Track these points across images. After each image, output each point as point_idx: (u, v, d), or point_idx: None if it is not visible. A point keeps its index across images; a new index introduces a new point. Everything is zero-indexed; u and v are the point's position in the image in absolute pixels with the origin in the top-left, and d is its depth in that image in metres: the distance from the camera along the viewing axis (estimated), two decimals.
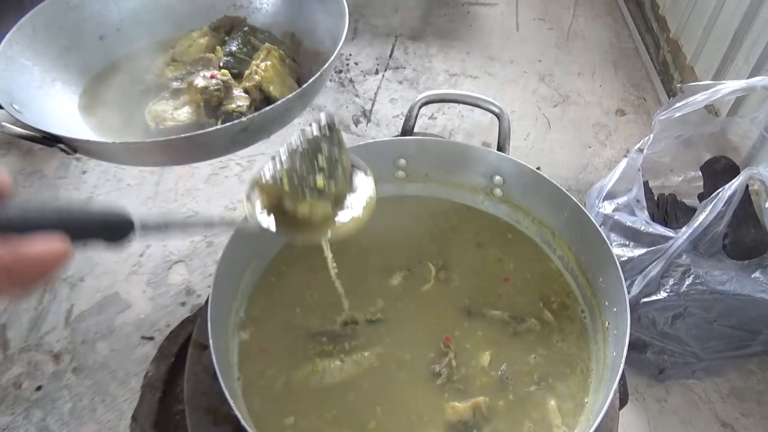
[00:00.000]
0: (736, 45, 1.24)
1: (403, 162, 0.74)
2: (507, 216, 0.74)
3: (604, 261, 0.61)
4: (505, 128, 0.72)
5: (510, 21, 1.75)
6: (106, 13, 0.87)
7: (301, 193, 0.53)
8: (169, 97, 0.82)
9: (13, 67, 0.76)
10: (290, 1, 0.90)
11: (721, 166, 1.09)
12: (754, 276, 0.95)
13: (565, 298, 0.68)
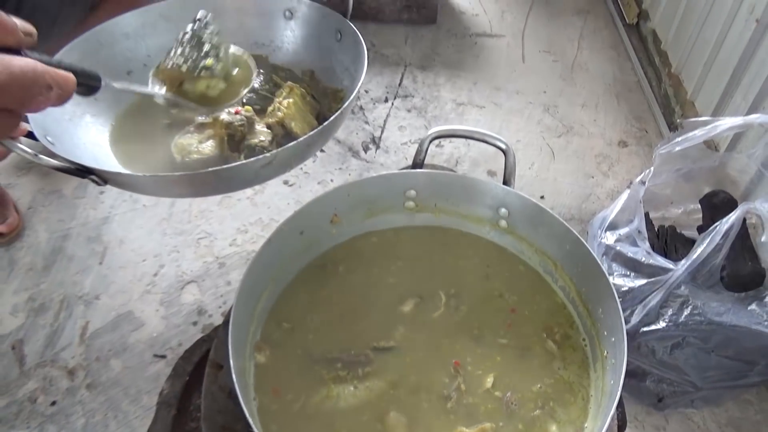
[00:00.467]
0: (735, 82, 1.28)
1: (413, 193, 0.78)
2: (512, 247, 0.78)
3: (603, 293, 0.64)
4: (510, 163, 0.75)
5: (516, 53, 1.80)
6: (134, 50, 0.91)
7: (197, 73, 0.73)
8: (194, 131, 0.85)
9: None
10: (310, 41, 0.94)
11: (720, 199, 1.12)
12: (750, 308, 0.98)
13: (567, 328, 0.71)
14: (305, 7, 0.93)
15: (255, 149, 0.80)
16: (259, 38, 0.98)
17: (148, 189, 0.78)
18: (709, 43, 1.39)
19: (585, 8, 1.97)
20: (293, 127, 0.83)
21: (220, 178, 0.74)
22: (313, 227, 0.75)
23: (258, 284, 0.68)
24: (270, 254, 0.69)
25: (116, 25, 0.90)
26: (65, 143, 0.77)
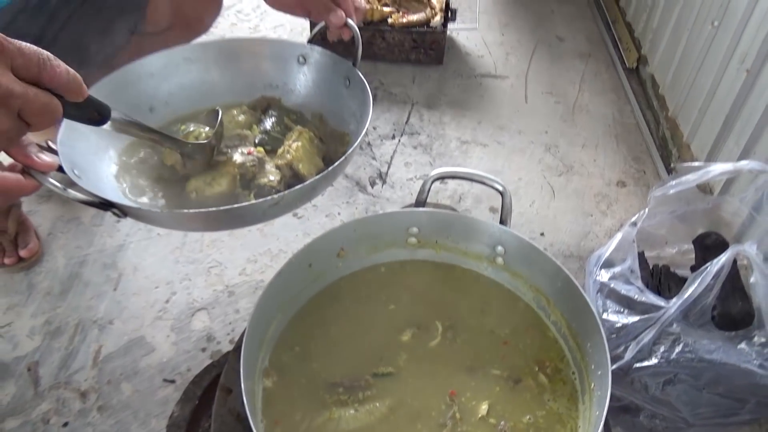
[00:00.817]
0: (728, 128, 1.34)
1: (416, 230, 0.83)
2: (508, 283, 0.82)
3: (591, 328, 0.68)
4: (507, 204, 0.81)
5: (519, 93, 1.87)
6: (157, 89, 0.98)
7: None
8: (208, 169, 0.91)
9: (75, 135, 0.84)
10: (320, 86, 1.00)
11: (712, 240, 1.16)
12: (740, 347, 1.01)
13: (558, 362, 0.75)
14: (317, 54, 1.00)
15: (264, 188, 0.86)
16: (273, 80, 1.04)
17: (164, 223, 0.84)
18: (703, 89, 1.45)
19: (586, 52, 2.04)
20: (300, 169, 0.89)
21: (230, 216, 0.79)
22: (320, 260, 0.80)
23: (268, 313, 0.73)
24: (280, 285, 0.74)
25: (142, 65, 0.97)
26: (90, 176, 0.83)
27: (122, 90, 0.94)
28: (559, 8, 2.25)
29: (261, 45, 1.05)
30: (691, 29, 1.54)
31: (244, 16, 2.16)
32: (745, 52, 1.28)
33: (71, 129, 0.84)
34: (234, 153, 0.91)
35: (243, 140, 0.95)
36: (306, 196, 0.86)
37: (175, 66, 1.00)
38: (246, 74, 1.04)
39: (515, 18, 2.20)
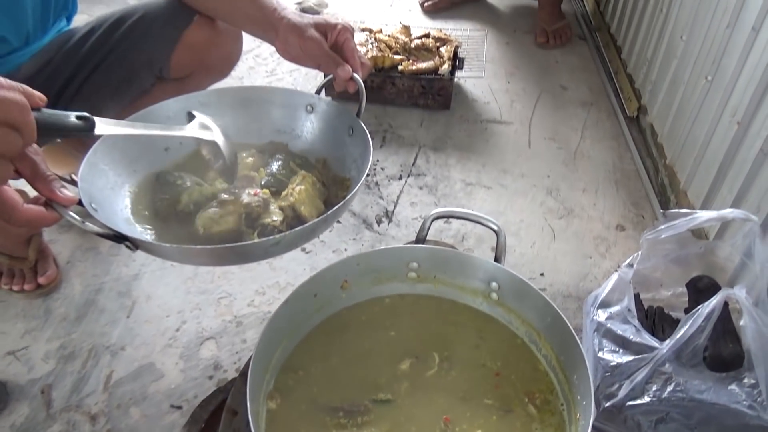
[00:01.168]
0: (721, 176, 1.39)
1: (415, 265, 0.88)
2: (502, 317, 0.87)
3: (577, 361, 0.72)
4: (501, 242, 0.86)
5: (523, 139, 1.94)
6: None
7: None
8: (216, 206, 0.96)
9: (94, 171, 0.89)
10: (325, 133, 1.07)
11: (704, 284, 1.20)
12: (730, 388, 1.04)
13: (548, 394, 0.79)
14: (324, 104, 1.07)
15: (267, 228, 0.91)
16: (282, 126, 1.11)
17: (172, 257, 0.89)
18: (698, 139, 1.51)
19: (589, 101, 2.12)
20: (302, 211, 0.94)
21: (235, 253, 0.85)
22: (325, 291, 0.85)
23: (274, 339, 0.78)
24: (286, 313, 0.79)
25: (161, 108, 1.04)
26: (106, 210, 0.88)
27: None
28: (563, 59, 2.35)
29: (272, 93, 1.12)
30: (686, 82, 1.61)
31: (262, 60, 2.27)
32: (736, 106, 1.34)
33: (91, 166, 0.90)
34: (241, 193, 0.97)
35: (250, 181, 1.01)
36: (306, 237, 0.91)
37: (191, 109, 1.07)
38: (257, 119, 1.10)
39: (521, 68, 2.29)
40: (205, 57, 1.24)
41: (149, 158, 1.01)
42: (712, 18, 1.50)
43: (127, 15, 1.20)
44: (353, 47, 1.02)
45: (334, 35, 1.01)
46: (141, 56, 1.20)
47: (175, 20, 1.19)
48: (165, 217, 0.96)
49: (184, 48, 1.20)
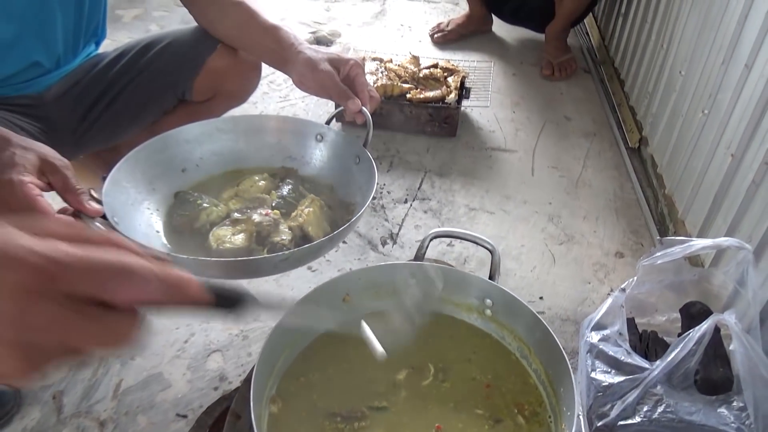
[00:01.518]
0: (716, 207, 1.43)
1: (414, 282, 0.93)
2: (495, 333, 0.91)
3: (564, 374, 0.76)
4: (495, 261, 0.90)
5: (526, 167, 1.99)
6: (190, 153, 1.11)
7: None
8: (229, 225, 1.02)
9: (117, 188, 0.96)
10: (333, 161, 1.13)
11: (696, 309, 1.24)
12: (719, 410, 1.07)
13: (537, 407, 0.83)
14: (333, 134, 1.14)
15: (276, 246, 0.97)
16: (293, 153, 1.17)
17: (188, 269, 0.94)
18: (695, 170, 1.55)
19: (592, 132, 2.18)
20: (310, 231, 1.00)
21: (246, 266, 0.90)
22: (328, 303, 0.89)
23: (278, 347, 0.82)
24: (289, 323, 0.83)
25: (180, 132, 1.11)
26: (126, 223, 0.94)
27: (161, 152, 1.08)
28: (568, 91, 2.42)
29: (285, 122, 1.19)
30: (685, 115, 1.67)
31: (276, 86, 2.35)
32: (730, 139, 1.39)
33: (114, 182, 0.96)
34: (253, 213, 1.03)
35: (261, 203, 1.07)
36: (312, 255, 0.97)
37: (208, 135, 1.14)
38: (269, 146, 1.17)
39: (526, 98, 2.36)
40: (226, 83, 1.32)
41: (168, 178, 1.08)
42: (709, 54, 1.56)
43: (156, 41, 1.28)
44: (363, 81, 1.09)
45: (346, 70, 1.08)
46: (166, 79, 1.28)
47: (200, 47, 1.27)
48: (181, 232, 1.02)
49: (207, 73, 1.28)
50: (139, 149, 1.03)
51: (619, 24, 2.42)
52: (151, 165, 1.05)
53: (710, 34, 1.56)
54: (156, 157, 1.06)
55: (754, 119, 1.30)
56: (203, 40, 1.27)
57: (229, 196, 1.07)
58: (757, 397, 1.04)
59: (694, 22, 1.67)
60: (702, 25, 1.62)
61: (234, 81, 1.33)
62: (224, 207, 1.04)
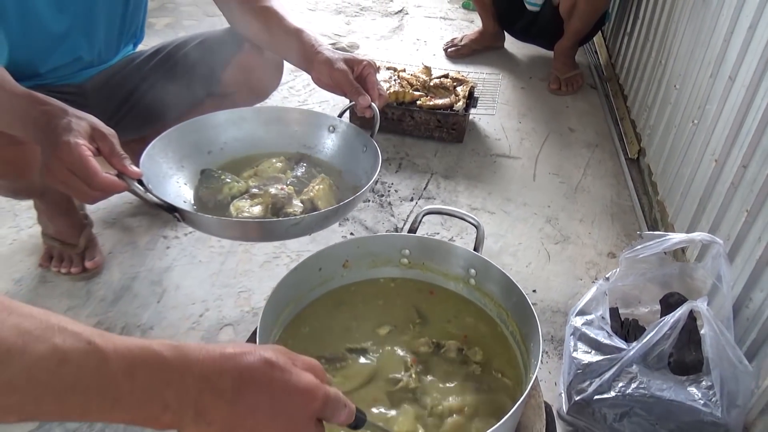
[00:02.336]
0: (701, 209, 1.52)
1: (407, 252, 1.03)
2: (478, 300, 1.01)
3: (533, 330, 0.86)
4: (480, 235, 1.01)
5: (528, 172, 2.10)
6: (216, 137, 1.24)
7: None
8: (248, 198, 1.15)
9: (151, 161, 1.09)
10: (343, 149, 1.25)
11: (674, 300, 1.32)
12: (689, 388, 1.15)
13: (506, 365, 0.93)
14: (344, 126, 1.26)
15: (289, 215, 1.09)
16: (307, 142, 1.30)
17: (212, 229, 1.06)
18: (684, 177, 1.64)
19: (594, 142, 2.28)
20: (319, 205, 1.12)
21: (262, 228, 1.02)
22: (329, 267, 1.00)
23: (282, 300, 0.93)
24: (294, 279, 0.94)
25: (208, 118, 1.24)
26: (158, 191, 1.07)
27: (190, 135, 1.21)
28: (574, 104, 2.52)
29: (301, 114, 1.32)
30: (677, 126, 1.76)
31: (295, 92, 2.49)
32: (715, 146, 1.49)
33: (149, 157, 1.09)
34: (270, 187, 1.15)
35: (277, 180, 1.19)
36: (319, 224, 1.09)
37: (233, 122, 1.27)
38: (286, 134, 1.30)
39: (533, 110, 2.47)
40: (251, 78, 1.45)
41: (195, 158, 1.21)
42: (700, 68, 1.66)
43: (190, 40, 1.43)
44: (374, 80, 1.21)
45: (359, 69, 1.21)
46: (197, 73, 1.41)
47: (230, 44, 1.41)
48: (205, 203, 1.14)
49: (234, 68, 1.42)
50: (172, 130, 1.16)
51: (624, 43, 2.53)
52: (181, 145, 1.18)
53: (701, 50, 1.66)
54: (186, 139, 1.19)
55: (736, 125, 1.39)
56: (233, 38, 1.41)
57: (249, 174, 1.19)
58: (723, 377, 1.12)
59: (688, 39, 1.78)
60: (695, 41, 1.72)
61: (258, 77, 1.46)
62: (244, 183, 1.16)
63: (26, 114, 0.91)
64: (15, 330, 0.46)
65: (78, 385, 0.48)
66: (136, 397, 0.49)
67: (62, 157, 0.86)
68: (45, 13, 1.20)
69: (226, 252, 1.70)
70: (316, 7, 3.28)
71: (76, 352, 0.48)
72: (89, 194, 0.88)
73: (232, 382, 0.53)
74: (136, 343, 0.51)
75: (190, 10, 3.12)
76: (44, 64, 1.29)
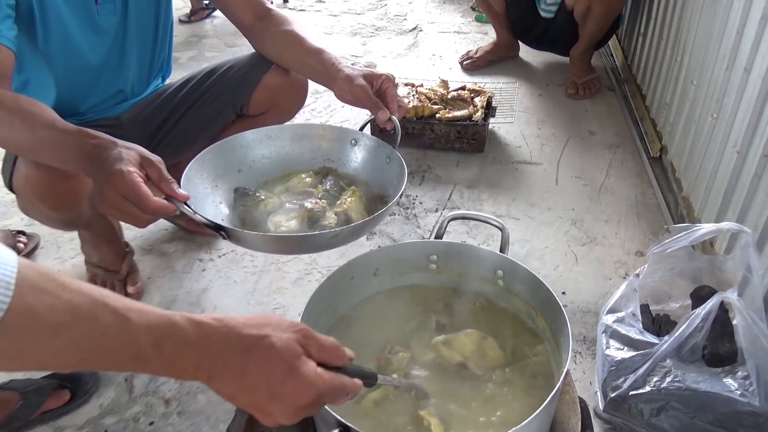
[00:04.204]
0: (726, 202, 1.52)
1: (435, 257, 1.07)
2: (506, 301, 1.03)
3: (562, 324, 0.88)
4: (505, 237, 1.03)
5: (551, 177, 2.11)
6: (246, 155, 1.30)
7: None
8: (283, 213, 1.20)
9: (190, 183, 1.15)
10: (367, 161, 1.30)
11: (705, 292, 1.32)
12: (725, 380, 1.15)
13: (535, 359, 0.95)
14: (366, 139, 1.31)
15: (325, 228, 1.14)
16: (331, 156, 1.35)
17: (256, 245, 1.11)
18: (707, 171, 1.65)
19: (615, 144, 2.29)
20: (353, 216, 1.17)
21: (305, 242, 1.07)
22: (360, 275, 1.04)
23: (317, 309, 0.97)
24: (328, 288, 0.98)
25: (236, 138, 1.30)
26: (198, 211, 1.12)
27: (221, 155, 1.27)
28: (592, 108, 2.54)
29: (324, 129, 1.38)
30: (697, 121, 1.77)
31: (317, 113, 2.56)
32: (736, 138, 1.49)
33: (188, 179, 1.15)
34: (305, 202, 1.20)
35: (309, 195, 1.24)
36: (354, 235, 1.13)
37: (260, 141, 1.33)
38: (311, 150, 1.35)
39: (551, 115, 2.49)
40: (279, 98, 1.52)
41: (227, 177, 1.27)
42: (715, 63, 1.67)
43: (218, 67, 1.50)
44: (393, 93, 1.26)
45: (379, 83, 1.26)
46: (227, 97, 1.49)
47: (257, 67, 1.48)
48: (243, 219, 1.19)
49: (262, 89, 1.48)
50: (205, 152, 1.23)
51: (639, 43, 2.54)
52: (214, 166, 1.24)
53: (715, 44, 1.67)
54: (218, 160, 1.25)
55: (755, 116, 1.40)
56: (260, 61, 1.48)
57: (280, 190, 1.25)
58: (759, 366, 1.12)
59: (702, 34, 1.79)
60: (708, 36, 1.73)
61: (285, 97, 1.53)
62: (277, 199, 1.21)
63: (79, 149, 0.98)
64: (68, 305, 0.56)
65: (115, 353, 0.59)
66: (161, 363, 0.61)
67: (116, 185, 0.92)
68: (85, 52, 1.29)
69: (259, 271, 1.75)
70: (332, 31, 3.36)
71: (114, 327, 0.59)
72: (142, 218, 0.94)
73: (241, 363, 0.63)
74: (166, 319, 0.61)
75: (212, 42, 3.23)
76: (86, 100, 1.37)
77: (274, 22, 1.41)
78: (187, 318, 0.63)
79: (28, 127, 1.01)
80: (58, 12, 1.21)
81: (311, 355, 0.66)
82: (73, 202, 1.28)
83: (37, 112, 1.03)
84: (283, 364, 0.63)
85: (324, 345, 0.68)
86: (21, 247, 1.76)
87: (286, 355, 0.64)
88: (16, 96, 1.05)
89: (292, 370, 0.64)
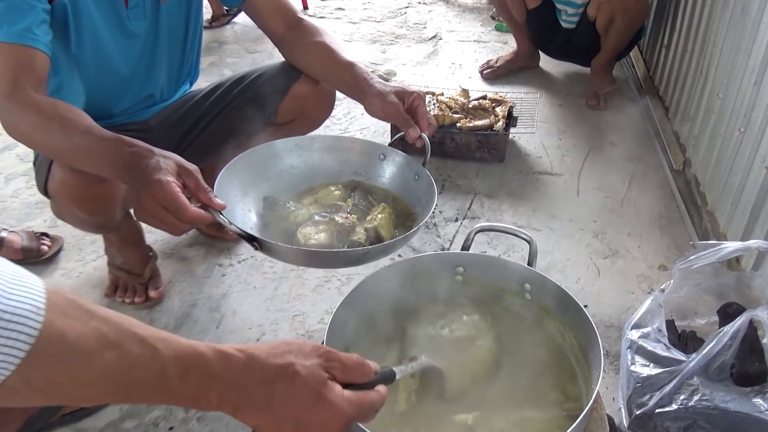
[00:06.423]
0: (754, 218, 1.50)
1: (461, 269, 1.06)
2: (533, 314, 1.02)
3: (593, 341, 0.87)
4: (533, 250, 1.03)
5: (572, 188, 2.10)
6: (274, 165, 1.30)
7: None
8: (312, 225, 1.19)
9: (221, 191, 1.14)
10: (395, 177, 1.30)
11: (733, 310, 1.30)
12: (754, 400, 1.13)
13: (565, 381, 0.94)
14: (395, 155, 1.31)
15: (354, 244, 1.13)
16: (359, 170, 1.35)
17: (287, 257, 1.11)
18: (734, 186, 1.63)
19: (637, 156, 2.27)
20: (382, 233, 1.16)
21: (337, 257, 1.07)
22: (387, 288, 1.04)
23: (342, 327, 0.96)
24: (354, 298, 0.98)
25: (266, 147, 1.30)
26: (228, 218, 1.12)
27: (251, 163, 1.27)
28: (614, 119, 2.52)
29: (353, 143, 1.38)
30: (723, 135, 1.75)
31: (336, 120, 2.57)
32: (765, 153, 1.47)
33: (220, 187, 1.14)
34: (335, 216, 1.19)
35: (339, 209, 1.24)
36: (384, 253, 1.13)
37: (289, 150, 1.33)
38: (339, 162, 1.35)
39: (573, 127, 2.48)
40: (306, 107, 1.52)
41: (256, 185, 1.27)
42: (743, 77, 1.65)
43: (248, 74, 1.51)
44: (423, 111, 1.26)
45: (410, 101, 1.26)
46: (256, 105, 1.49)
47: (287, 76, 1.48)
48: (272, 229, 1.19)
49: (291, 98, 1.49)
50: (237, 160, 1.23)
51: (662, 55, 2.52)
52: (244, 173, 1.24)
53: (744, 59, 1.65)
54: (248, 167, 1.25)
55: None
56: (290, 71, 1.48)
57: (309, 202, 1.25)
58: None
59: (729, 47, 1.77)
60: (736, 50, 1.71)
61: (314, 106, 1.53)
62: (307, 210, 1.21)
63: (116, 156, 0.99)
64: (96, 333, 0.55)
65: (143, 384, 0.58)
66: (187, 394, 0.61)
67: (155, 194, 0.92)
68: (116, 57, 1.30)
69: (279, 278, 1.75)
70: (351, 38, 3.37)
71: (142, 358, 0.58)
72: (179, 227, 0.95)
73: (266, 395, 0.62)
74: (192, 350, 0.61)
75: (232, 48, 3.25)
76: (116, 104, 1.38)
77: (306, 33, 1.42)
78: (212, 348, 0.62)
79: (66, 134, 1.02)
80: (90, 17, 1.22)
81: (336, 378, 0.65)
82: (107, 206, 1.29)
83: (75, 118, 1.04)
84: (310, 393, 0.63)
85: (348, 365, 0.67)
86: (45, 249, 1.77)
87: (311, 384, 0.63)
88: (54, 102, 1.06)
89: (318, 399, 0.63)
